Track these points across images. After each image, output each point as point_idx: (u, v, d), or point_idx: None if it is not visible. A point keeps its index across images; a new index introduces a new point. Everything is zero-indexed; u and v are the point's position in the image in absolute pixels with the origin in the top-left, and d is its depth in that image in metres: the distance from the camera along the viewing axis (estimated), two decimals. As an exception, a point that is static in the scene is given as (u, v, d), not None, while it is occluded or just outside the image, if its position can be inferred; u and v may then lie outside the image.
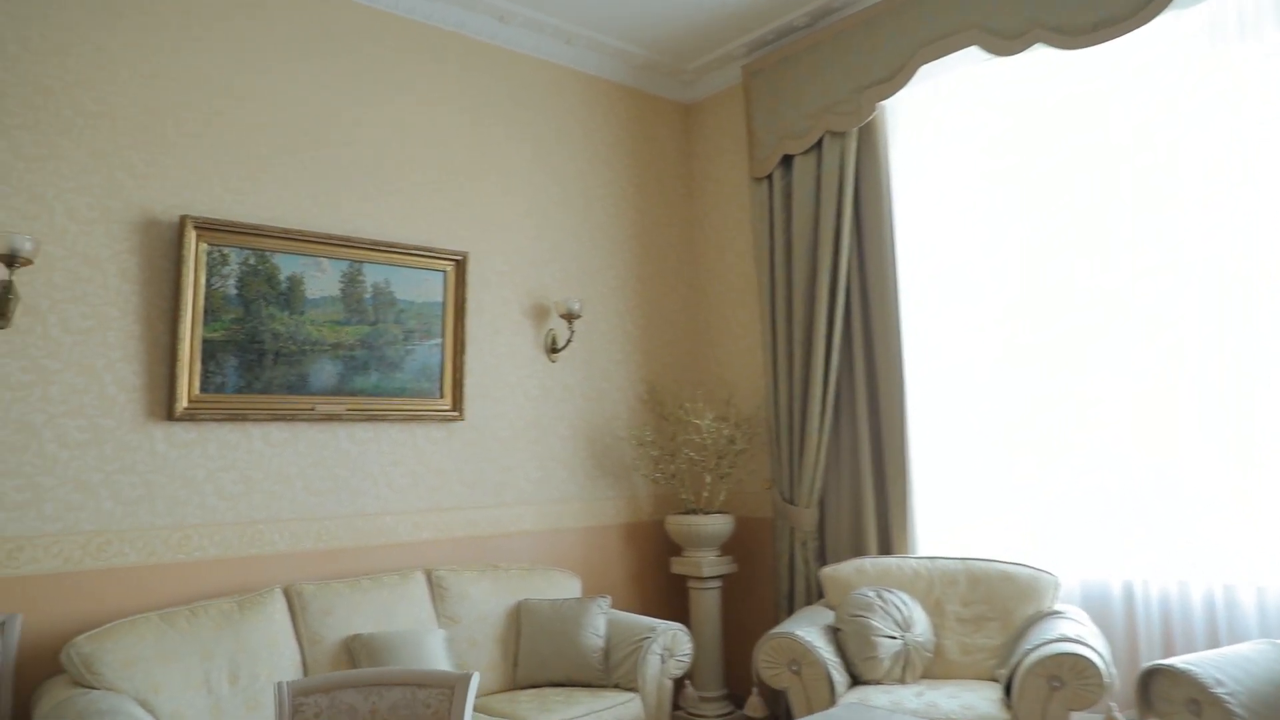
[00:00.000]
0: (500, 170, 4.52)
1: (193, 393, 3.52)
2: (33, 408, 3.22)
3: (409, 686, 2.02)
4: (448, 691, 2.00)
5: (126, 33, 3.50)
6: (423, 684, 2.02)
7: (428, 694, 2.01)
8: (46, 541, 3.21)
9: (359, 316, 3.96)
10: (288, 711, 1.99)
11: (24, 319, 3.21)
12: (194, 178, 3.60)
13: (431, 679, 2.03)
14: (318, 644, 3.43)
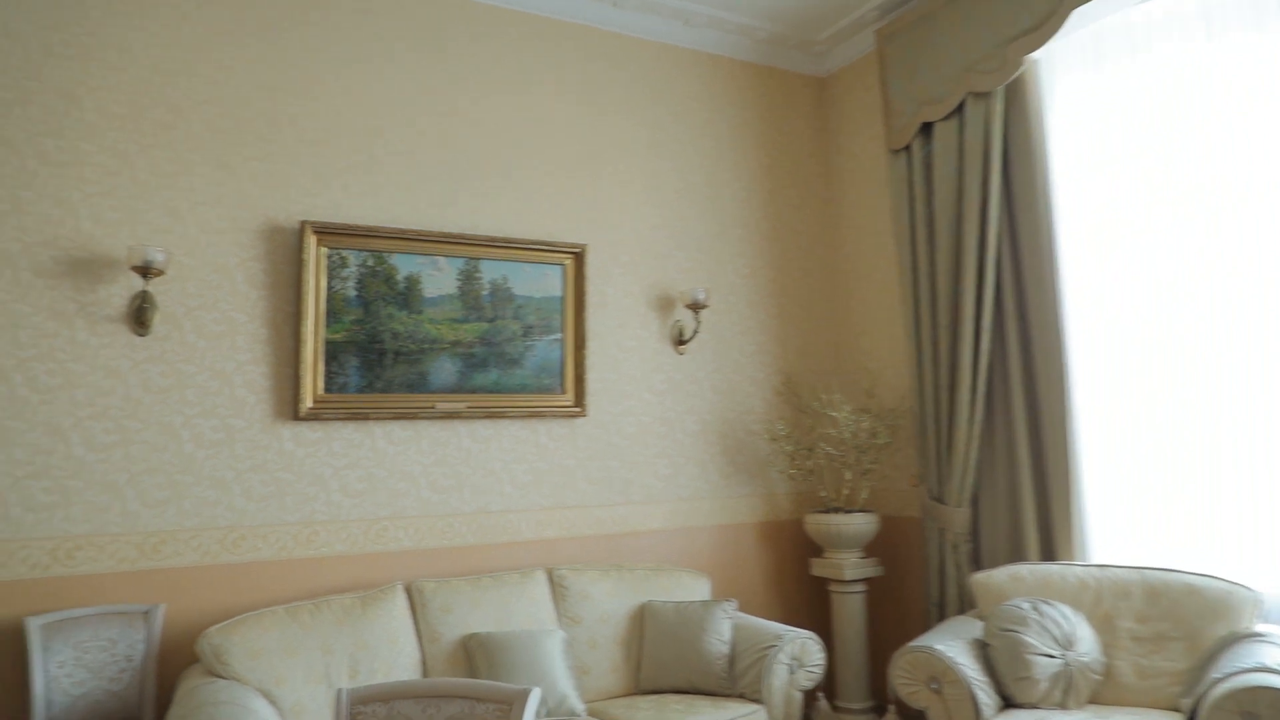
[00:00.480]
0: (619, 160, 4.40)
1: (317, 393, 3.62)
2: (172, 409, 3.40)
3: (467, 700, 1.92)
4: (505, 707, 1.88)
5: (248, 47, 3.64)
6: (481, 698, 1.92)
7: (485, 709, 1.90)
8: (186, 536, 3.38)
9: (477, 314, 3.95)
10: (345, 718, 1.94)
11: (162, 326, 3.40)
12: (314, 184, 3.70)
13: (490, 693, 1.92)
14: (436, 642, 3.44)
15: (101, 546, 3.24)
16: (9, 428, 3.16)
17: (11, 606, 3.09)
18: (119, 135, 3.39)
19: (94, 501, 3.25)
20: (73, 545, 3.20)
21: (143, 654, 3.15)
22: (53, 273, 3.25)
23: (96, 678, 3.07)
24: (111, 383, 3.31)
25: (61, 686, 3.01)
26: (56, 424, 3.23)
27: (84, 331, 3.29)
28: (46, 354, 3.23)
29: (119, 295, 3.33)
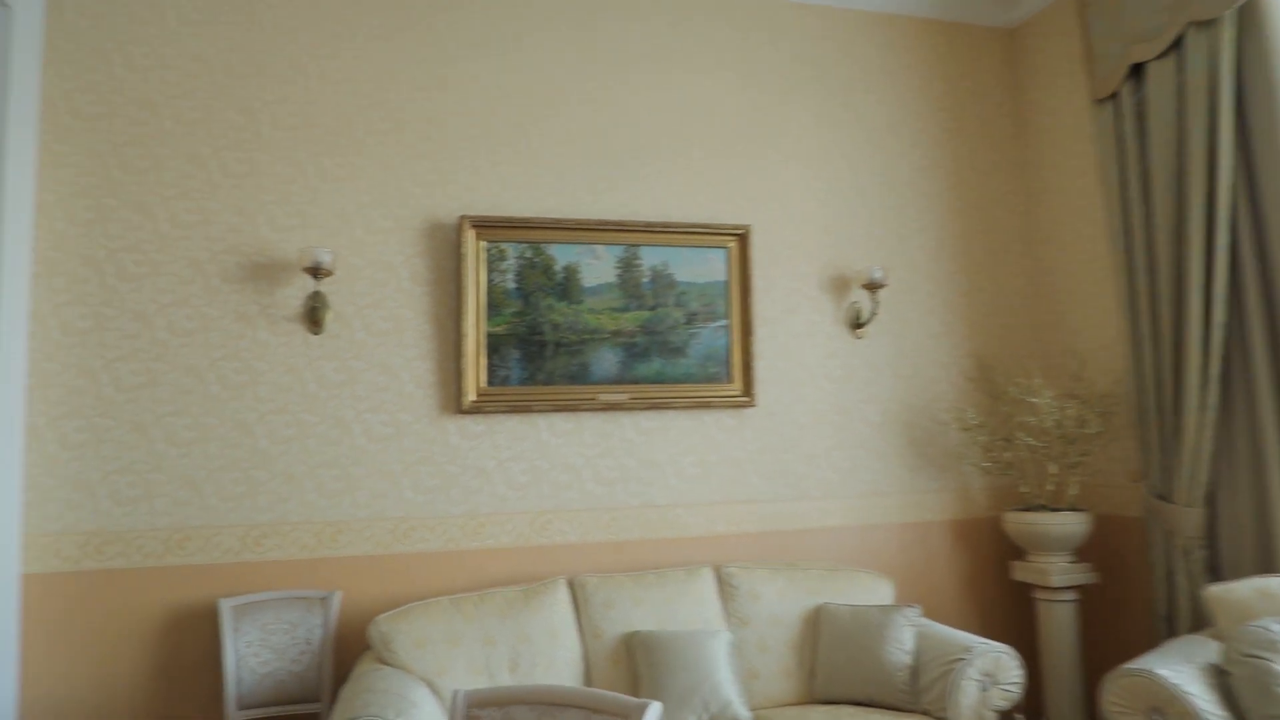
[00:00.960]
0: (783, 135, 4.15)
1: (480, 386, 3.65)
2: (344, 405, 3.54)
3: (584, 710, 1.80)
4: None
5: (406, 50, 3.72)
6: (598, 709, 1.79)
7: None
8: (360, 526, 3.50)
9: (638, 302, 3.85)
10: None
11: (334, 324, 3.54)
12: (473, 178, 3.73)
13: (608, 705, 1.79)
14: (599, 638, 3.36)
15: (284, 534, 3.42)
16: (205, 423, 3.40)
17: (207, 588, 3.32)
18: (292, 145, 3.57)
19: (277, 492, 3.44)
20: (260, 533, 3.40)
21: (321, 638, 3.30)
22: (237, 277, 3.47)
23: (280, 658, 3.24)
24: (290, 379, 3.49)
25: (249, 665, 3.20)
26: (243, 419, 3.44)
27: (265, 331, 3.48)
28: (234, 354, 3.45)
29: (295, 296, 3.51)
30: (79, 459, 3.28)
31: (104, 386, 3.33)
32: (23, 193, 3.23)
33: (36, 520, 3.22)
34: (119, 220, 3.39)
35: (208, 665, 3.27)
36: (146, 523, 3.31)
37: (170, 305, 3.41)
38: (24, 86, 3.23)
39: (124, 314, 3.37)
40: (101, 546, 3.27)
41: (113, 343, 3.35)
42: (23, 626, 3.17)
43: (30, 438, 3.24)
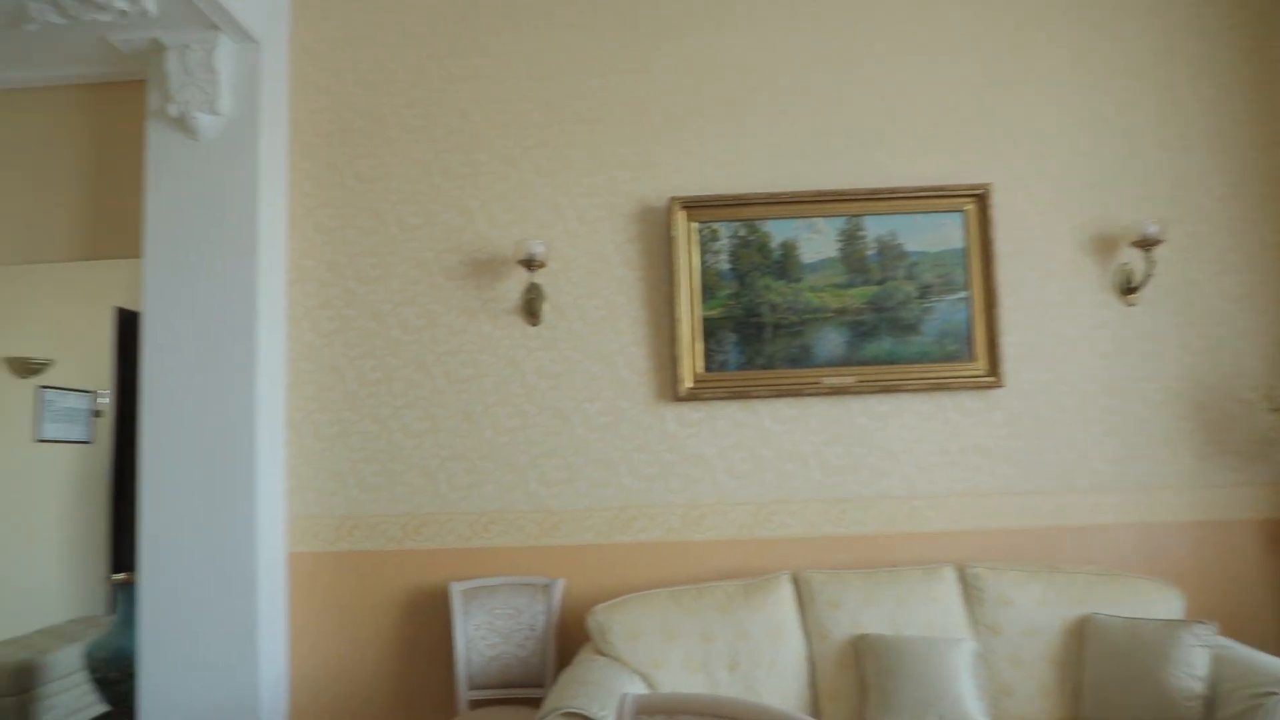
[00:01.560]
0: (1030, 77, 3.64)
1: (696, 372, 3.53)
2: (563, 395, 3.56)
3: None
4: (788, 737, 1.53)
5: (606, 38, 3.68)
6: None
7: None
8: (580, 515, 3.51)
9: (863, 276, 3.54)
10: (624, 724, 1.74)
11: (551, 315, 3.58)
12: (682, 159, 3.62)
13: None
14: (825, 639, 3.12)
15: (509, 522, 3.51)
16: (435, 415, 3.56)
17: (441, 572, 3.48)
18: (505, 142, 3.65)
19: (502, 481, 3.53)
20: (487, 520, 3.51)
21: (544, 624, 3.34)
22: (460, 274, 3.60)
23: (506, 642, 3.32)
24: (510, 371, 3.57)
25: (477, 647, 3.31)
26: (470, 411, 3.56)
27: (487, 325, 3.59)
28: (459, 348, 3.58)
29: (513, 289, 3.58)
30: (330, 449, 3.57)
31: (349, 382, 3.59)
32: (277, 208, 3.55)
33: (298, 505, 3.54)
34: (356, 227, 3.64)
35: (442, 644, 3.43)
36: (388, 509, 3.53)
37: (402, 304, 3.61)
38: (274, 111, 3.54)
39: (363, 314, 3.62)
40: (351, 530, 3.53)
41: (355, 341, 3.61)
42: (290, 602, 3.50)
43: (290, 430, 3.57)
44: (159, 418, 3.35)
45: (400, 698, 3.45)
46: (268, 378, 3.44)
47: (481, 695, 3.28)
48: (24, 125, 3.80)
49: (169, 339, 3.37)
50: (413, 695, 3.45)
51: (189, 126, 3.39)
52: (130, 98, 3.68)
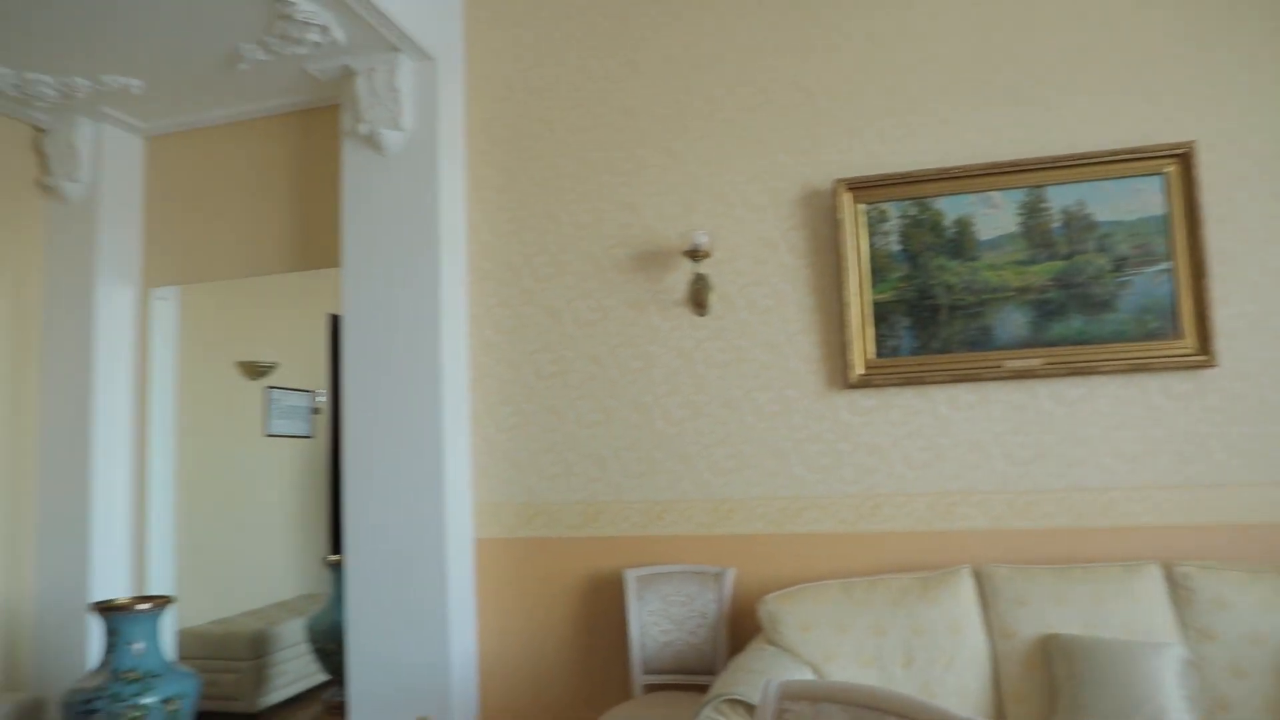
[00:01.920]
0: (1233, 23, 3.25)
1: (867, 358, 3.42)
2: (731, 384, 3.57)
3: (901, 717, 1.55)
4: (935, 735, 1.47)
5: (767, 18, 3.63)
6: (915, 719, 1.53)
7: None
8: (752, 504, 3.50)
9: (1047, 251, 3.30)
10: (771, 713, 1.73)
11: (718, 305, 3.58)
12: (847, 139, 3.52)
13: (927, 715, 1.52)
14: (1009, 638, 2.95)
15: (682, 511, 3.56)
16: (608, 406, 3.67)
17: (616, 559, 3.58)
18: (668, 135, 3.69)
19: (674, 470, 3.59)
20: (660, 509, 3.58)
21: (715, 612, 3.36)
22: (628, 268, 3.68)
23: (679, 629, 3.37)
24: (680, 362, 3.61)
25: (651, 633, 3.38)
26: (641, 401, 3.64)
27: (656, 317, 3.65)
28: (630, 340, 3.67)
29: (680, 281, 3.62)
30: (511, 440, 3.75)
31: (527, 376, 3.76)
32: (457, 214, 3.78)
33: (483, 492, 3.75)
34: (531, 228, 3.81)
35: (617, 629, 3.53)
36: (566, 497, 3.67)
37: (575, 299, 3.74)
38: (451, 122, 3.77)
39: (539, 311, 3.78)
40: (532, 517, 3.70)
41: (532, 337, 3.77)
42: (477, 584, 3.71)
43: (474, 423, 3.78)
44: (358, 414, 3.65)
45: (579, 677, 3.59)
46: (452, 374, 3.66)
47: (655, 680, 3.35)
48: (240, 154, 4.26)
49: (366, 340, 3.67)
50: (590, 675, 3.58)
51: (377, 143, 3.67)
52: (327, 121, 4.03)
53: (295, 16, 3.28)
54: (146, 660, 3.36)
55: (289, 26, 3.36)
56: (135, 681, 3.29)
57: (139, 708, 3.25)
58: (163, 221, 4.41)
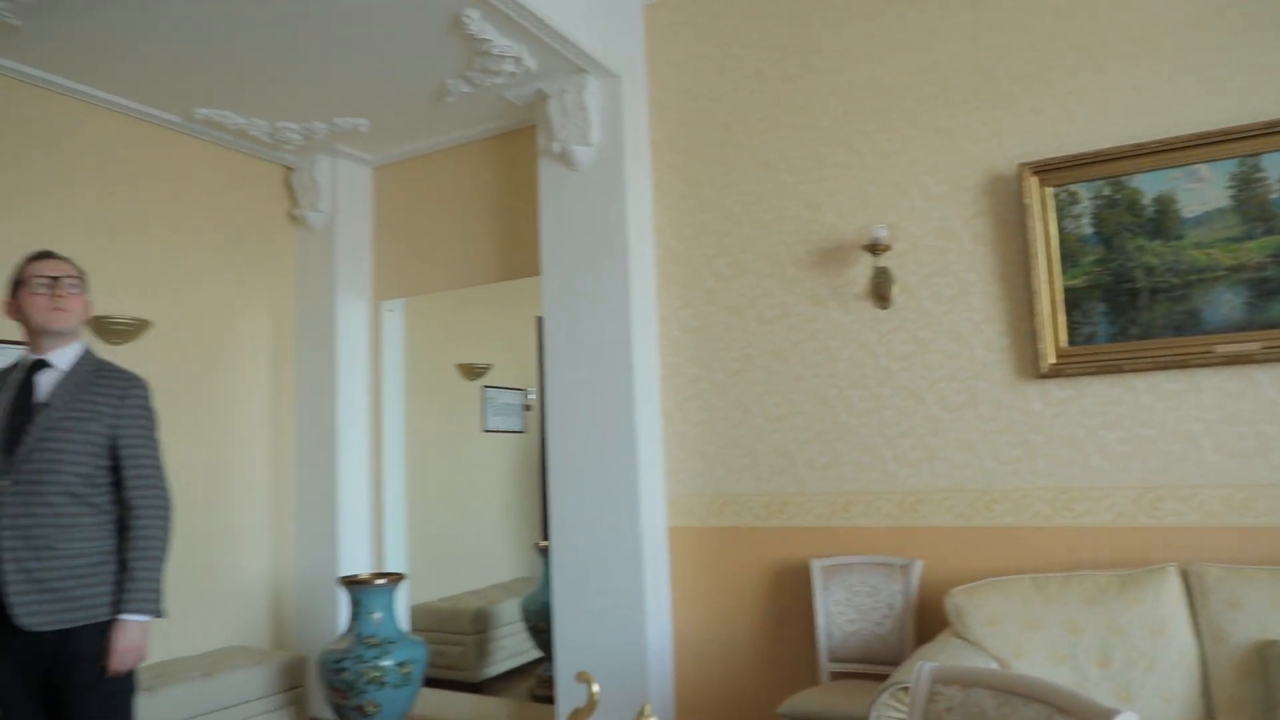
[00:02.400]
0: None
1: (1059, 346, 3.31)
2: (916, 375, 3.55)
3: (1048, 705, 1.56)
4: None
5: (948, 6, 3.57)
6: (1063, 708, 1.53)
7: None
8: (939, 497, 3.48)
9: (1264, 226, 3.05)
10: (923, 696, 1.78)
11: (900, 297, 3.58)
12: (1031, 120, 3.40)
13: (1072, 704, 1.52)
14: (1221, 642, 2.77)
15: (868, 503, 3.59)
16: (792, 400, 3.75)
17: (801, 549, 3.67)
18: (845, 131, 3.72)
19: (858, 462, 3.62)
20: (846, 500, 3.63)
21: (901, 604, 3.37)
22: (808, 265, 3.75)
23: (864, 619, 3.41)
24: (863, 355, 3.64)
25: (837, 622, 3.44)
26: (824, 395, 3.70)
27: (837, 312, 3.70)
28: (811, 335, 3.74)
29: (861, 275, 3.64)
30: (700, 434, 3.93)
31: (714, 373, 3.92)
32: (643, 221, 4.00)
33: (675, 484, 3.95)
34: (713, 231, 3.96)
35: (803, 617, 3.61)
36: (753, 488, 3.80)
37: (757, 298, 3.85)
38: (636, 135, 3.99)
39: (723, 310, 3.92)
40: (721, 508, 3.86)
41: (716, 335, 3.93)
42: (671, 570, 3.92)
43: (665, 418, 3.99)
44: (559, 411, 3.96)
45: (768, 662, 3.71)
46: (643, 372, 3.89)
47: (841, 668, 3.41)
48: (452, 177, 4.71)
49: (564, 342, 3.97)
50: (779, 661, 3.69)
51: (569, 159, 3.95)
52: (526, 142, 4.38)
53: (492, 51, 3.63)
54: (384, 628, 3.83)
55: (487, 61, 3.72)
56: (375, 646, 3.77)
57: (378, 668, 3.72)
58: (389, 241, 4.95)
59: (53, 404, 2.53)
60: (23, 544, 2.44)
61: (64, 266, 2.64)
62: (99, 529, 2.55)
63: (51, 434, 2.50)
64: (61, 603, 2.45)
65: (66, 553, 2.48)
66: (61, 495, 2.49)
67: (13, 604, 2.40)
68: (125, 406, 2.62)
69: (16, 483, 2.46)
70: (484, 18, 3.42)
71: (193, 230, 4.46)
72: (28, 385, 2.57)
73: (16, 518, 2.45)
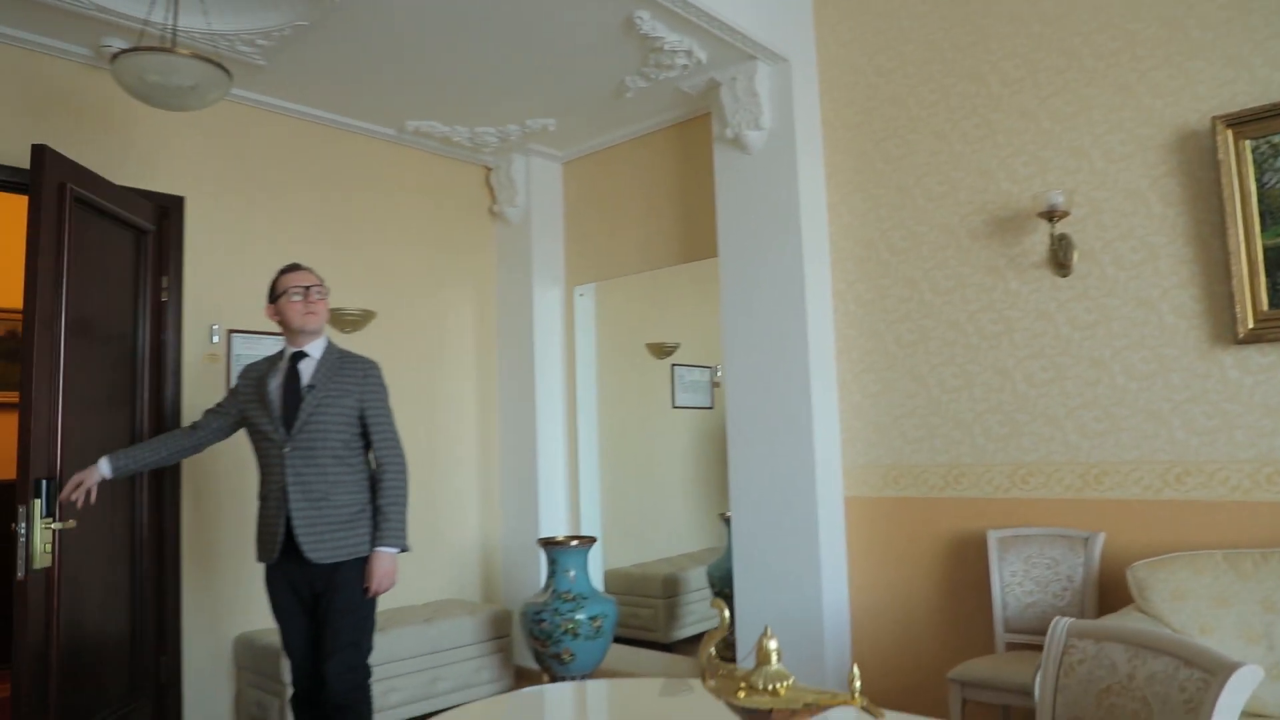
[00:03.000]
0: None
1: (1259, 310, 3.10)
2: (1099, 344, 3.44)
3: (1175, 658, 1.58)
4: (1208, 677, 1.48)
5: (1133, -46, 3.41)
6: (1189, 660, 1.55)
7: (1189, 674, 1.53)
8: (1125, 469, 3.36)
9: None
10: (1058, 648, 1.83)
11: (1081, 264, 3.48)
12: (1225, 68, 3.20)
13: (1198, 657, 1.53)
14: None
15: (1048, 474, 3.52)
16: (969, 370, 3.74)
17: (977, 520, 3.66)
18: (1020, 97, 3.64)
19: (1038, 433, 3.56)
20: (1025, 472, 3.58)
21: (1081, 577, 3.30)
22: (983, 234, 3.71)
23: (1042, 591, 3.37)
24: (1042, 324, 3.57)
25: (1014, 593, 3.42)
26: (1002, 365, 3.66)
27: (1014, 281, 3.64)
28: (987, 306, 3.70)
29: (1039, 243, 3.57)
30: (875, 406, 3.99)
31: (889, 345, 3.97)
32: (816, 199, 4.09)
33: (850, 455, 4.04)
34: (885, 204, 3.99)
35: (979, 587, 3.60)
36: (929, 459, 3.82)
37: (931, 269, 3.85)
38: (806, 115, 4.08)
39: (897, 283, 3.95)
40: (897, 478, 3.90)
41: (891, 308, 3.96)
42: (847, 539, 4.02)
43: (840, 390, 4.08)
44: (738, 386, 4.14)
45: (943, 631, 3.73)
46: (818, 346, 4.00)
47: (1018, 639, 3.38)
48: (634, 167, 4.99)
49: (741, 319, 4.14)
50: (954, 630, 3.70)
51: (742, 144, 4.11)
52: (701, 129, 4.58)
53: (664, 48, 3.85)
54: (578, 585, 4.19)
55: (660, 56, 3.94)
56: (570, 601, 4.13)
57: (573, 621, 4.08)
58: (579, 230, 5.32)
59: (316, 385, 3.10)
60: (303, 496, 3.03)
61: (312, 277, 3.21)
62: (356, 484, 3.14)
63: (318, 410, 3.08)
64: (334, 541, 3.04)
65: (336, 502, 3.06)
66: (329, 458, 3.07)
67: (302, 543, 3.00)
68: (367, 384, 3.19)
69: (295, 449, 3.05)
70: (654, 17, 3.64)
71: (407, 230, 5.02)
72: (294, 372, 3.15)
73: (298, 476, 3.04)
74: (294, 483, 3.03)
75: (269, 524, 3.08)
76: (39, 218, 3.13)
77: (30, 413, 3.04)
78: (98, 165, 3.63)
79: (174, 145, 4.13)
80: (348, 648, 3.05)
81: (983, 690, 3.10)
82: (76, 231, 3.32)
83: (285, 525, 3.03)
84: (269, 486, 3.10)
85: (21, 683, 2.93)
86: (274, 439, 3.07)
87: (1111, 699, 1.70)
